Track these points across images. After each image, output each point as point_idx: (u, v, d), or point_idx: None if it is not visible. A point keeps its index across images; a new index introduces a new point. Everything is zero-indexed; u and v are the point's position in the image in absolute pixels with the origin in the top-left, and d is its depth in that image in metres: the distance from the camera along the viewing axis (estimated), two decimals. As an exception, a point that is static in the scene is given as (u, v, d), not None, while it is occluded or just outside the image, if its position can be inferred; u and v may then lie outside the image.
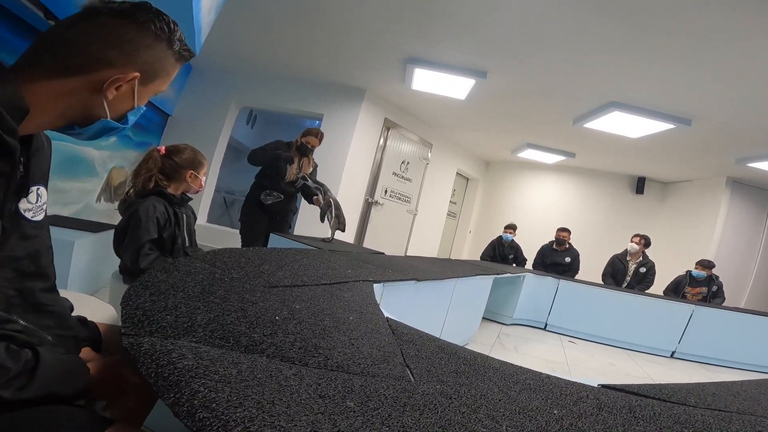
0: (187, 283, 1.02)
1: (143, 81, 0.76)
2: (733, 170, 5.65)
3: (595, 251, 6.29)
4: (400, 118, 5.87)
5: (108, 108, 0.74)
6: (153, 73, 0.78)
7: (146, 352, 0.64)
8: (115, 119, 0.77)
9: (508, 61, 3.71)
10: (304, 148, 3.55)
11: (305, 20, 3.69)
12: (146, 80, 0.77)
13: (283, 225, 3.65)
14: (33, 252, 0.77)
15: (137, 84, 0.75)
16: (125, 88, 0.74)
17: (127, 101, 0.77)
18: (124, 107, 0.77)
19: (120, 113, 0.78)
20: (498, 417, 0.69)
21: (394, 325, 1.12)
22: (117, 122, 0.78)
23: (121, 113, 0.78)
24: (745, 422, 0.85)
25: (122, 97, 0.75)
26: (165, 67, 0.79)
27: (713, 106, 3.76)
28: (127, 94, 0.76)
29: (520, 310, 4.64)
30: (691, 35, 2.76)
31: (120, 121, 0.78)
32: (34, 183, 0.75)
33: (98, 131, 0.77)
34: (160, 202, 1.78)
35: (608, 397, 0.88)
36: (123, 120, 0.79)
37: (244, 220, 3.61)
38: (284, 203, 3.57)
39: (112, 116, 0.76)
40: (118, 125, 0.78)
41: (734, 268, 5.93)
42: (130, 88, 0.75)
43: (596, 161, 6.88)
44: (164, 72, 0.80)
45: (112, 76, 0.71)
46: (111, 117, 0.76)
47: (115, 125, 0.78)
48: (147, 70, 0.76)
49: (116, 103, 0.75)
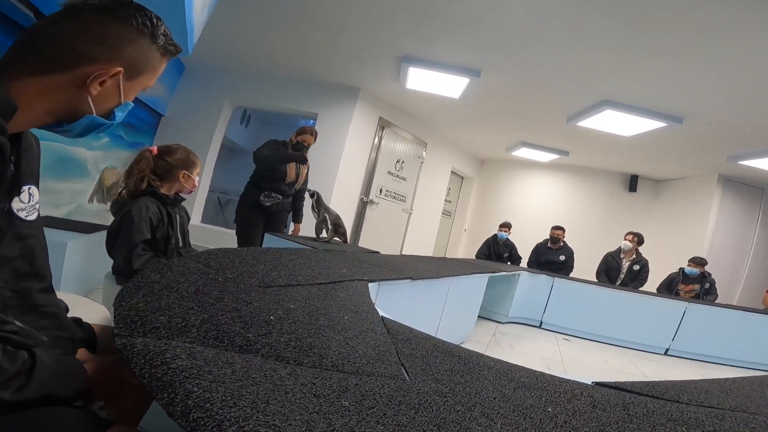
0: (180, 284, 1.01)
1: (128, 76, 0.76)
2: (724, 168, 5.70)
3: (590, 249, 6.32)
4: (394, 117, 5.87)
5: (93, 104, 0.74)
6: (138, 68, 0.77)
7: (139, 353, 0.64)
8: (102, 115, 0.77)
9: (502, 60, 3.72)
10: (300, 147, 3.52)
11: (299, 19, 3.68)
12: (131, 75, 0.77)
13: (279, 225, 3.63)
14: (28, 252, 0.76)
15: (122, 79, 0.75)
16: (110, 84, 0.74)
17: (113, 97, 0.77)
18: (110, 103, 0.77)
19: (106, 109, 0.77)
20: (493, 415, 0.69)
21: (389, 324, 1.12)
22: (104, 118, 0.77)
23: (108, 109, 0.78)
24: (737, 419, 0.85)
25: (107, 93, 0.75)
26: (150, 62, 0.79)
27: (705, 104, 3.79)
28: (112, 89, 0.75)
29: (515, 308, 4.65)
30: (684, 33, 2.78)
31: (107, 117, 0.78)
32: (25, 182, 0.74)
33: (85, 128, 0.77)
34: (153, 202, 1.77)
35: (602, 394, 0.89)
36: (110, 116, 0.79)
37: (240, 221, 3.57)
38: (282, 204, 3.55)
39: (98, 112, 0.76)
40: (105, 121, 0.78)
41: (726, 265, 5.99)
42: (114, 83, 0.75)
43: (590, 159, 6.92)
44: (150, 67, 0.80)
45: (96, 72, 0.71)
46: (97, 113, 0.76)
47: (101, 121, 0.77)
48: (131, 65, 0.76)
49: (102, 99, 0.75)
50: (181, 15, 2.19)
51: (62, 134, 0.77)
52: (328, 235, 3.12)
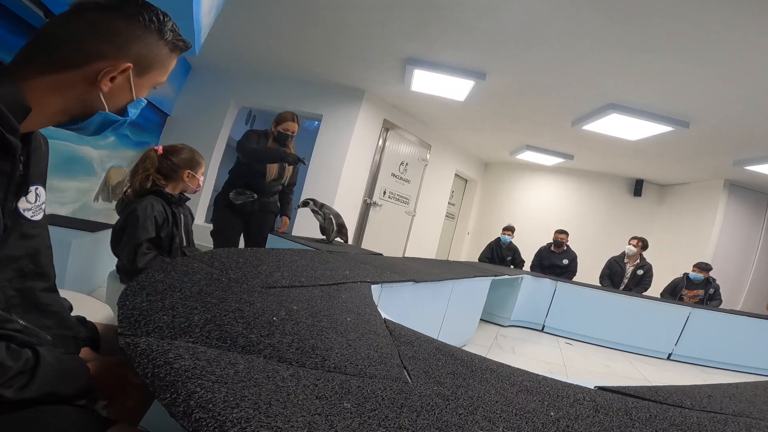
0: (184, 283, 1.01)
1: (138, 72, 0.77)
2: (730, 173, 5.66)
3: (593, 253, 6.29)
4: (399, 119, 5.87)
5: (105, 100, 0.75)
6: (147, 64, 0.78)
7: (143, 352, 0.64)
8: (115, 112, 0.78)
9: (507, 63, 3.71)
10: (284, 137, 3.14)
11: (304, 20, 3.69)
12: (141, 71, 0.77)
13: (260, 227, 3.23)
14: (33, 252, 0.77)
15: (132, 75, 0.76)
16: (120, 80, 0.75)
17: (125, 93, 0.77)
18: (122, 99, 0.78)
19: (119, 106, 0.78)
20: (495, 419, 0.69)
21: (392, 327, 1.12)
22: (117, 115, 0.78)
23: (121, 106, 0.78)
24: (740, 425, 0.85)
25: (119, 89, 0.76)
26: (159, 58, 0.80)
27: (711, 108, 3.76)
28: (123, 85, 0.76)
29: (517, 311, 4.64)
30: (690, 36, 2.76)
31: (120, 114, 0.79)
32: (33, 182, 0.75)
33: (100, 125, 0.78)
34: (158, 201, 1.78)
35: (605, 398, 0.88)
36: (123, 113, 0.79)
37: (215, 220, 3.25)
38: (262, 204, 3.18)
39: (111, 108, 0.76)
40: (119, 118, 0.79)
41: (731, 270, 5.94)
42: (125, 79, 0.76)
43: (594, 163, 6.89)
44: (159, 63, 0.80)
45: (105, 68, 0.72)
46: (110, 109, 0.76)
47: (115, 118, 0.78)
48: (140, 61, 0.76)
49: (113, 95, 0.76)
50: (189, 16, 2.19)
51: (78, 132, 0.78)
52: (333, 236, 3.12)
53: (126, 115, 0.80)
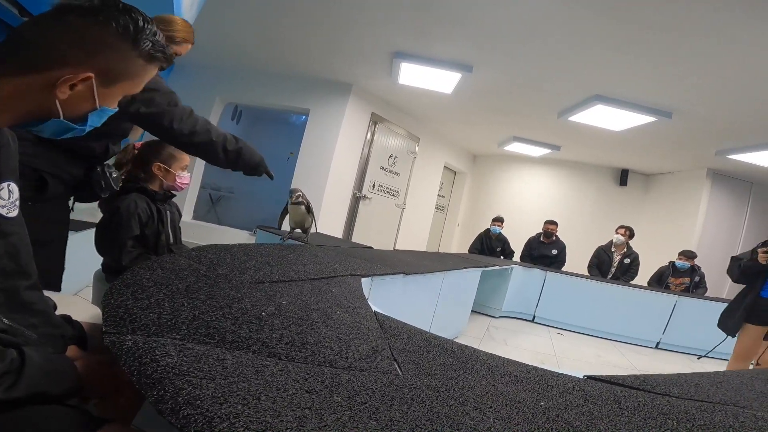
0: (170, 280, 1.00)
1: (105, 82, 0.74)
2: (713, 162, 5.75)
3: (581, 243, 6.35)
4: (387, 112, 5.86)
5: (61, 107, 0.72)
6: (117, 74, 0.75)
7: (128, 350, 0.63)
8: (73, 119, 0.75)
9: (493, 56, 3.72)
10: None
11: (290, 14, 3.65)
12: (109, 81, 0.75)
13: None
14: (12, 250, 0.75)
15: (97, 84, 0.73)
16: (81, 88, 0.72)
17: (86, 102, 0.75)
18: (82, 108, 0.75)
19: (78, 113, 0.76)
20: (485, 409, 0.70)
21: (382, 320, 1.12)
22: (74, 123, 0.76)
23: (80, 114, 0.76)
24: (727, 413, 0.86)
25: (79, 97, 0.73)
26: (130, 69, 0.77)
27: (693, 99, 3.81)
28: (85, 94, 0.73)
29: (508, 302, 4.68)
30: (673, 30, 2.79)
31: (79, 121, 0.76)
32: (3, 179, 0.73)
33: (54, 131, 0.76)
34: (142, 198, 1.75)
35: (594, 388, 0.89)
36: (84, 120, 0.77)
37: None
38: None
39: (67, 116, 0.74)
40: (75, 126, 0.76)
41: (716, 258, 6.04)
42: (87, 88, 0.73)
43: (581, 154, 6.96)
44: (129, 74, 0.77)
45: (65, 75, 0.70)
46: (66, 117, 0.74)
47: (71, 126, 0.76)
48: (109, 70, 0.74)
49: (72, 103, 0.73)
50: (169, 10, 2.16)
51: (36, 134, 0.77)
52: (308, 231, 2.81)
53: (83, 124, 0.77)
